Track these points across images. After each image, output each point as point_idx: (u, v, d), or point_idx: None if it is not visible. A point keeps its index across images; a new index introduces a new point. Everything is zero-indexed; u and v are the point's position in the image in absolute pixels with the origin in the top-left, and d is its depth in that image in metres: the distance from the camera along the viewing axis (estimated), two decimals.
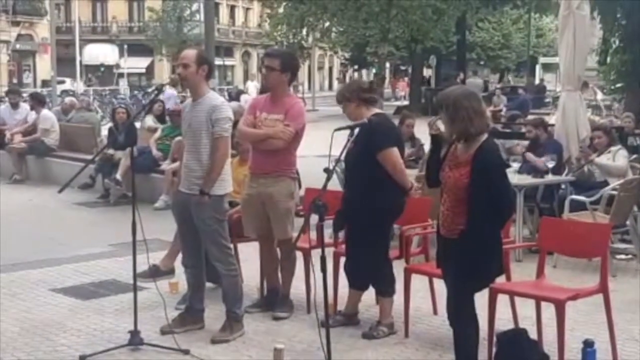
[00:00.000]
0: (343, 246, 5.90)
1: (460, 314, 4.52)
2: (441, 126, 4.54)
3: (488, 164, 4.34)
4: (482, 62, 56.63)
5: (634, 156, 9.16)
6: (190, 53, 5.59)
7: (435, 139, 4.62)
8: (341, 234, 5.95)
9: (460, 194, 4.38)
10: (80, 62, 46.70)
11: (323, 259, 4.27)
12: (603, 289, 5.11)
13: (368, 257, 5.61)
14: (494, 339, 5.06)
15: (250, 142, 6.11)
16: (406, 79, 55.82)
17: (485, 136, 4.42)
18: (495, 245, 4.49)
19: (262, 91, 14.62)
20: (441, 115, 4.48)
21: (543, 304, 5.23)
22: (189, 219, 5.56)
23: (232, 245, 5.71)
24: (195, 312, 5.78)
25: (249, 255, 6.82)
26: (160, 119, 12.66)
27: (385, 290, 5.72)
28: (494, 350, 5.04)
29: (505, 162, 4.89)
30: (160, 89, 6.56)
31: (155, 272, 6.26)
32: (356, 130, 4.97)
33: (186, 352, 5.27)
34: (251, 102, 6.53)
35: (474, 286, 4.55)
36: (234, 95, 28.55)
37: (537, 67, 54.25)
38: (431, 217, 5.91)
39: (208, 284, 6.66)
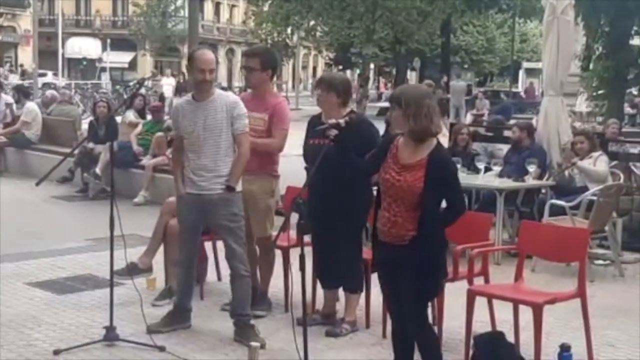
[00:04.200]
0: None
1: (423, 322, 4.37)
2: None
3: (445, 169, 4.25)
4: (466, 66, 56.77)
5: (614, 162, 9.19)
6: (213, 58, 5.58)
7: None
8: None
9: (414, 198, 4.20)
10: (63, 55, 46.41)
11: (302, 258, 4.23)
12: (581, 293, 5.12)
13: (346, 256, 5.59)
14: (472, 341, 5.06)
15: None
16: (382, 80, 55.90)
17: (435, 140, 4.30)
18: (446, 248, 4.42)
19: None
20: (395, 112, 4.32)
21: (521, 307, 5.23)
22: (200, 221, 5.56)
23: None
24: (184, 311, 5.70)
25: None
26: (141, 114, 12.59)
27: (355, 287, 5.72)
28: (470, 352, 5.04)
29: (456, 166, 4.76)
30: (141, 83, 6.52)
31: (132, 270, 6.21)
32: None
33: (162, 348, 5.23)
34: None
35: (435, 291, 4.46)
36: None
37: (521, 72, 54.48)
38: None
39: None
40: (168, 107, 18.41)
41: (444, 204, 4.40)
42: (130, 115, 12.57)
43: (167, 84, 31.18)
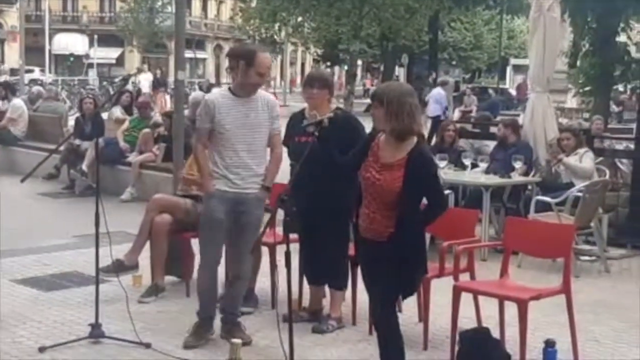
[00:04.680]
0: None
1: (391, 318, 4.36)
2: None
3: (424, 170, 4.22)
4: (454, 62, 56.84)
5: (600, 159, 9.23)
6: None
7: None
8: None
9: (392, 197, 4.19)
10: (50, 51, 46.23)
11: (288, 255, 4.22)
12: (565, 289, 5.13)
13: (331, 253, 5.59)
14: (457, 337, 5.07)
15: None
16: (369, 77, 55.82)
17: (416, 139, 4.27)
18: (424, 244, 4.42)
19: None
20: (377, 110, 4.29)
21: (506, 303, 5.25)
22: (231, 219, 5.34)
23: None
24: (210, 320, 5.44)
25: None
26: (128, 110, 12.55)
27: (340, 284, 5.73)
28: (456, 348, 5.05)
29: (436, 164, 4.73)
30: (126, 80, 6.49)
31: (119, 267, 6.19)
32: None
33: (148, 345, 5.22)
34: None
35: (411, 288, 4.44)
36: (205, 89, 28.43)
37: (508, 69, 54.58)
38: None
39: (172, 278, 6.64)
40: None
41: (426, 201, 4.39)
42: (117, 112, 12.54)
43: (145, 79, 31.05)
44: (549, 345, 4.81)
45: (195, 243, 6.65)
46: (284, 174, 5.59)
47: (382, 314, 4.38)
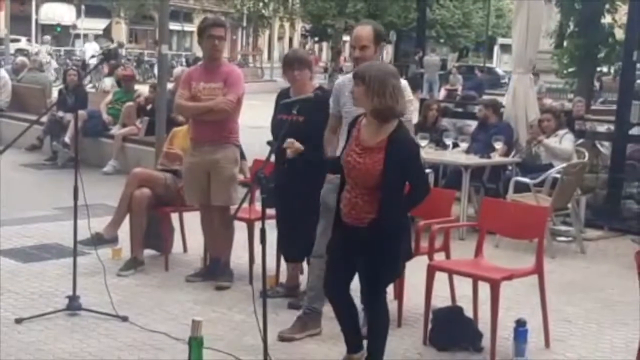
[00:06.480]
0: None
1: (375, 304, 4.33)
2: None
3: (405, 152, 4.15)
4: (441, 40, 56.64)
5: (580, 140, 9.29)
6: (367, 32, 5.08)
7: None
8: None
9: (372, 181, 4.11)
10: (36, 21, 45.80)
11: (263, 231, 4.26)
12: (538, 270, 5.19)
13: (307, 229, 5.62)
14: (431, 315, 5.14)
15: (192, 116, 6.11)
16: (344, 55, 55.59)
17: (397, 121, 4.22)
18: (408, 229, 4.35)
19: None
20: (358, 88, 4.20)
21: (480, 283, 5.30)
22: None
23: None
24: (317, 314, 5.23)
25: (194, 224, 6.80)
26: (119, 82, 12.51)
27: None
28: (429, 326, 5.12)
29: (420, 145, 4.66)
30: (106, 54, 6.47)
31: (98, 240, 6.21)
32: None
33: (125, 319, 5.26)
34: (184, 76, 6.43)
35: (391, 273, 4.38)
36: (192, 62, 28.29)
37: (496, 48, 54.55)
38: None
39: (151, 252, 6.67)
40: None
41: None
42: (108, 84, 12.52)
43: (90, 49, 30.38)
44: (520, 324, 4.87)
45: (175, 217, 6.71)
46: (263, 150, 5.60)
47: (373, 300, 4.32)
